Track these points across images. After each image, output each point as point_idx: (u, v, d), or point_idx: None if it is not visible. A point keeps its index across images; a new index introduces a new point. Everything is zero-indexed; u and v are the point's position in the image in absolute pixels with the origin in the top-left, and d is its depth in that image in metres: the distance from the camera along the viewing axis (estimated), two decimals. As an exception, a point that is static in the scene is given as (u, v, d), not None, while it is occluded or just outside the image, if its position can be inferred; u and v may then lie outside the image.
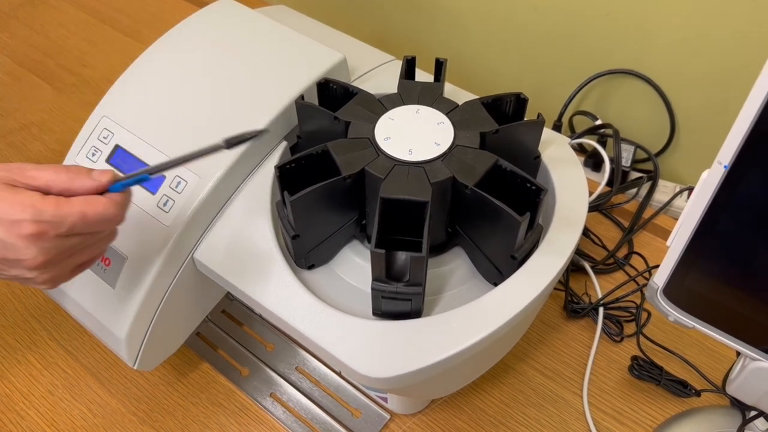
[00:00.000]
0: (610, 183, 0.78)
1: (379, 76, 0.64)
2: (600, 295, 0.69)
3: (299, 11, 0.76)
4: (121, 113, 0.57)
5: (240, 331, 0.68)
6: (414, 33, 0.96)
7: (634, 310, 0.68)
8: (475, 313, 0.46)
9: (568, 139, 0.59)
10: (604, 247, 0.74)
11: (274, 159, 0.56)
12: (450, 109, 0.52)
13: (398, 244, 0.43)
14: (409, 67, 0.57)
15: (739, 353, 0.42)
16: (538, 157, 0.56)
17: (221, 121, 0.55)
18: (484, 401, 0.63)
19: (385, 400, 0.61)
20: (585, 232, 0.75)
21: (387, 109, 0.52)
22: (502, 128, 0.50)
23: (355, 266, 0.53)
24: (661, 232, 0.76)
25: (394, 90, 0.54)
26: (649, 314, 0.68)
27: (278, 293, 0.49)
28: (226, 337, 0.68)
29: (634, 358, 0.63)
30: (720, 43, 0.69)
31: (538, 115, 0.52)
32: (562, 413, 0.62)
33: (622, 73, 0.79)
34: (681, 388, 0.62)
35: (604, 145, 0.81)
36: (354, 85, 0.56)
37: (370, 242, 0.51)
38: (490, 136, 0.50)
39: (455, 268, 0.52)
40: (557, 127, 0.83)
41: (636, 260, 0.73)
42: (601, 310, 0.68)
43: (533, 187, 0.46)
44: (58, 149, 0.86)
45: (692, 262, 0.38)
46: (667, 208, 0.78)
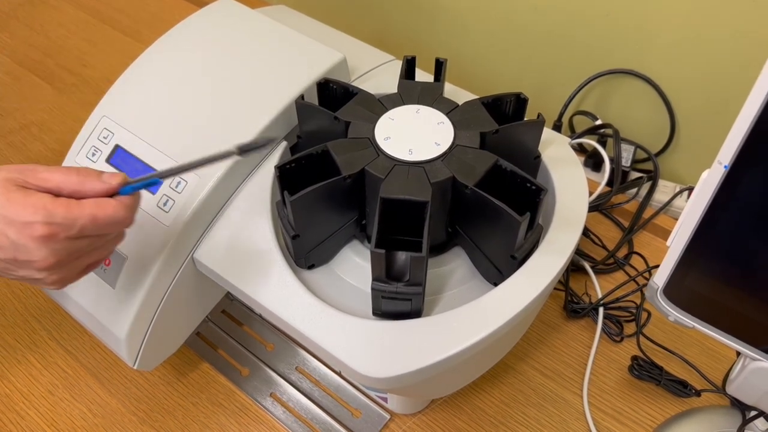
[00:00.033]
0: (610, 183, 0.78)
1: (379, 76, 0.64)
2: (600, 295, 0.69)
3: (299, 11, 0.76)
4: (121, 113, 0.57)
5: (240, 331, 0.68)
6: (414, 33, 0.96)
7: (634, 310, 0.67)
8: (475, 313, 0.46)
9: (568, 139, 0.59)
10: (604, 247, 0.74)
11: (274, 159, 0.56)
12: (450, 109, 0.52)
13: (398, 244, 0.43)
14: (409, 67, 0.57)
15: (739, 353, 0.42)
16: (538, 157, 0.56)
17: (221, 120, 0.55)
18: (484, 401, 0.63)
19: (385, 400, 0.61)
20: (585, 232, 0.75)
21: (387, 109, 0.52)
22: (502, 128, 0.50)
23: (355, 266, 0.53)
24: (661, 232, 0.76)
25: (394, 90, 0.54)
26: (649, 314, 0.68)
27: (278, 293, 0.49)
28: (226, 337, 0.68)
29: (634, 358, 0.63)
30: (720, 43, 0.69)
31: (538, 115, 0.52)
32: (562, 413, 0.62)
33: (622, 73, 0.79)
34: (681, 388, 0.62)
35: (604, 145, 0.81)
36: (354, 85, 0.56)
37: (370, 242, 0.51)
38: (490, 136, 0.50)
39: (455, 268, 0.52)
40: (557, 127, 0.83)
41: (636, 260, 0.73)
42: (601, 310, 0.68)
43: (533, 187, 0.46)
44: (58, 149, 0.86)
45: (692, 262, 0.38)
46: (667, 208, 0.78)
